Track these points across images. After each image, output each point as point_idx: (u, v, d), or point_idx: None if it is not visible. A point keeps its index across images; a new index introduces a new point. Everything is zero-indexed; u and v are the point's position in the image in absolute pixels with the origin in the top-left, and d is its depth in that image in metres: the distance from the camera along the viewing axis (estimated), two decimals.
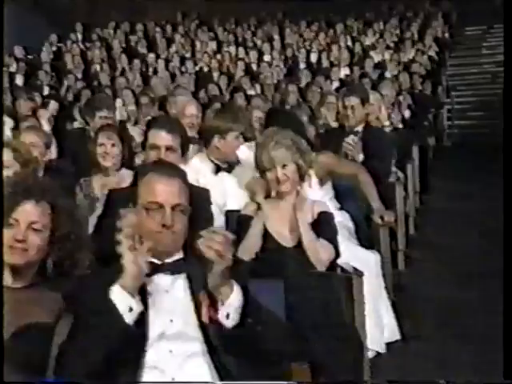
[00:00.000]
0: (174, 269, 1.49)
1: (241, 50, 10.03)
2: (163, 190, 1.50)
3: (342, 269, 2.24)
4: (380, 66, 8.85)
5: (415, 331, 2.85)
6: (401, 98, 6.04)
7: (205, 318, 1.41)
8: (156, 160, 2.03)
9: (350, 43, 10.25)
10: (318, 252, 2.13)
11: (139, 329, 1.37)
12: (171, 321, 1.42)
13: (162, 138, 2.31)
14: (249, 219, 2.18)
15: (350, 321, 2.00)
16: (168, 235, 1.48)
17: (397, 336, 2.73)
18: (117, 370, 1.32)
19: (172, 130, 2.38)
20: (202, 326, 1.41)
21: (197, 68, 9.46)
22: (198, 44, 10.68)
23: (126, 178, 2.69)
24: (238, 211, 2.39)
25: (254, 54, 9.71)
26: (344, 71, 8.88)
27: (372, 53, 9.69)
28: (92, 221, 2.37)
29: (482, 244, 4.04)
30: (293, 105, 5.63)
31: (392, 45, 9.94)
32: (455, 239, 4.23)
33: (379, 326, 2.59)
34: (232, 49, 10.25)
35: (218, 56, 9.85)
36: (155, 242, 1.43)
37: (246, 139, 3.82)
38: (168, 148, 2.31)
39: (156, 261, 1.47)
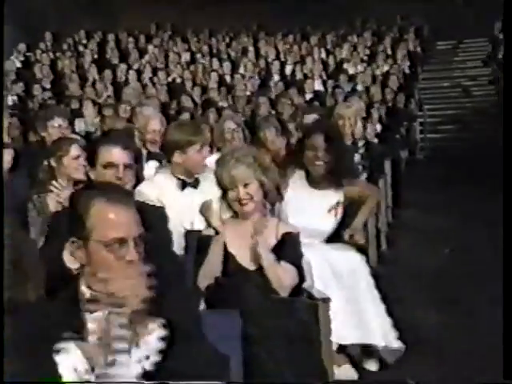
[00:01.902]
0: None
1: (214, 61, 9.93)
2: (124, 223, 1.34)
3: (309, 294, 2.10)
4: (354, 79, 8.85)
5: None
6: (373, 111, 6.00)
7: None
8: (102, 182, 1.88)
9: (324, 56, 10.25)
10: (280, 277, 1.99)
11: None
12: None
13: (119, 155, 2.15)
14: (209, 240, 2.03)
15: (317, 356, 1.87)
16: (134, 269, 1.33)
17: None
18: None
19: (127, 146, 2.23)
20: None
21: (169, 79, 9.32)
22: (171, 55, 10.56)
23: None
24: (199, 231, 2.24)
25: (227, 66, 9.62)
26: (318, 83, 8.85)
27: (346, 65, 9.70)
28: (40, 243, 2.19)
29: (456, 261, 3.97)
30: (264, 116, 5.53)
31: (365, 58, 9.98)
32: (428, 255, 4.16)
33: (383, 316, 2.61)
34: (206, 60, 10.15)
35: (192, 67, 9.74)
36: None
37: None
38: (126, 166, 2.16)
39: None
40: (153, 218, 2.10)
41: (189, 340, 1.36)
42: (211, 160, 3.06)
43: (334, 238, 2.74)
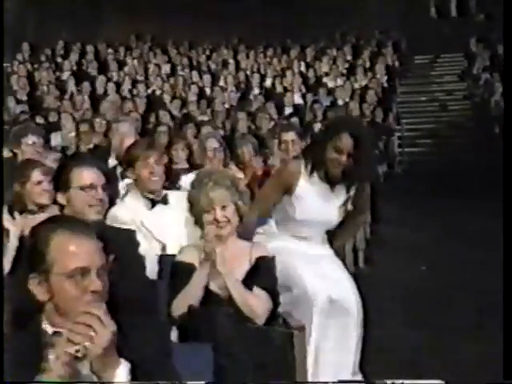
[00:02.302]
0: None
1: (194, 73, 9.90)
2: (86, 253, 1.32)
3: (284, 320, 2.07)
4: (333, 93, 8.90)
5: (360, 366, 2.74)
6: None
7: None
8: (60, 216, 1.85)
9: (303, 69, 10.31)
10: (251, 306, 1.95)
11: None
12: None
13: (97, 176, 2.11)
14: (189, 268, 1.99)
15: None
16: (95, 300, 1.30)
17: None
18: None
19: (100, 167, 2.19)
20: None
21: (149, 91, 9.26)
22: (151, 67, 10.50)
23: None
24: (173, 255, 2.19)
25: (207, 78, 9.60)
26: (297, 97, 8.88)
27: (325, 79, 9.76)
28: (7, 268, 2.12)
29: (432, 277, 3.98)
30: (243, 132, 5.52)
31: (345, 71, 10.05)
32: (406, 271, 4.17)
33: None
34: (186, 72, 10.12)
35: (171, 80, 9.70)
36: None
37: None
38: (103, 187, 2.12)
39: None
40: (123, 243, 2.06)
41: (159, 375, 1.33)
42: (187, 180, 3.03)
43: None
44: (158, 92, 9.27)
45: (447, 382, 2.01)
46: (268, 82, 9.75)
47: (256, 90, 9.22)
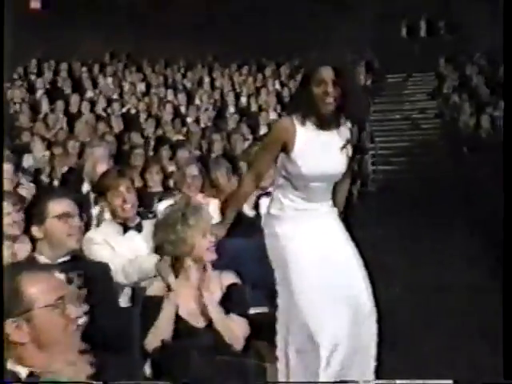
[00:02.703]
0: None
1: (170, 92, 9.93)
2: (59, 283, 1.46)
3: (258, 350, 2.09)
4: None
5: None
6: None
7: None
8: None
9: (278, 87, 10.43)
10: (231, 330, 1.99)
11: None
12: None
13: (73, 205, 2.14)
14: (158, 301, 2.01)
15: None
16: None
17: None
18: None
19: (73, 197, 2.22)
20: None
21: (124, 110, 9.24)
22: (126, 85, 10.50)
23: (24, 247, 2.44)
24: (144, 288, 2.21)
25: (182, 97, 9.64)
26: (272, 116, 8.96)
27: None
28: None
29: (406, 300, 4.04)
30: (217, 153, 5.56)
31: None
32: (378, 292, 4.22)
33: None
34: (161, 91, 10.14)
35: (146, 98, 9.70)
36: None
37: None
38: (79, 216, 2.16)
39: None
40: (97, 275, 2.08)
41: None
42: (162, 206, 3.05)
43: None
44: (133, 111, 9.26)
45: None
46: (243, 101, 9.83)
47: (231, 109, 9.29)
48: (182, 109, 9.29)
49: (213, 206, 3.34)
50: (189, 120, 8.56)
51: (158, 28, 12.87)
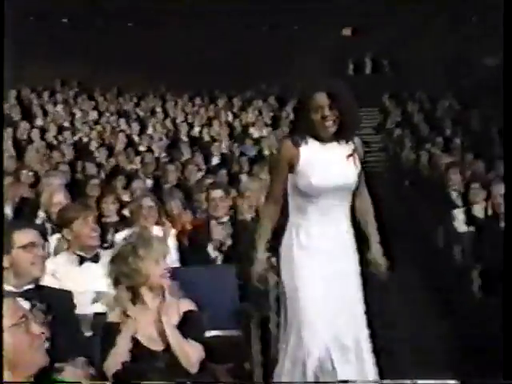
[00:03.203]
0: None
1: (122, 121, 10.02)
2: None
3: (213, 371, 2.26)
4: (259, 143, 9.30)
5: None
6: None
7: None
8: None
9: (230, 119, 10.71)
10: (187, 353, 2.14)
11: None
12: None
13: (37, 235, 2.27)
14: (117, 327, 2.14)
15: None
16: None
17: None
18: None
19: (37, 227, 2.35)
20: None
21: (75, 138, 9.25)
22: (77, 113, 10.51)
23: None
24: (104, 314, 2.34)
25: (135, 126, 9.75)
26: (224, 146, 9.18)
27: (251, 129, 10.20)
28: None
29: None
30: (172, 184, 5.72)
31: (270, 122, 10.56)
32: None
33: None
34: (113, 119, 10.21)
35: (99, 127, 9.75)
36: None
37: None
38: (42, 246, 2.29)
39: None
40: (60, 304, 2.21)
41: None
42: (119, 237, 3.20)
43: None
44: (85, 139, 9.28)
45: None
46: (196, 131, 10.03)
47: (184, 139, 9.47)
48: (135, 138, 9.40)
49: (171, 237, 3.51)
50: (141, 149, 8.66)
51: (109, 56, 13.01)
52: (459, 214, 4.22)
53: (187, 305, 2.28)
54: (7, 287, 2.15)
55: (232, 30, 13.27)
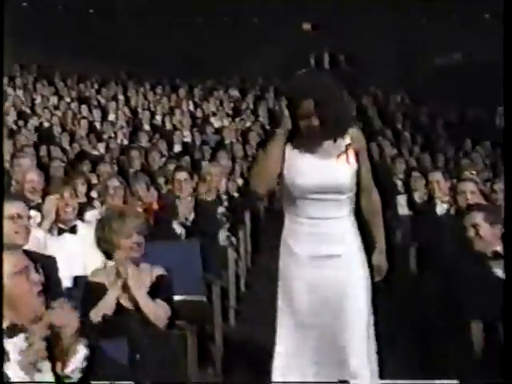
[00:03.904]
0: None
1: (84, 107, 10.10)
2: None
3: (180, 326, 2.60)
4: (220, 133, 9.60)
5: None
6: (236, 166, 6.75)
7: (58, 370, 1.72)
8: None
9: (192, 108, 10.95)
10: (155, 312, 2.48)
11: None
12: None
13: (25, 207, 2.56)
14: (100, 286, 2.46)
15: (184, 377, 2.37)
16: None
17: None
18: None
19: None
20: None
21: (37, 123, 9.30)
22: (37, 98, 10.52)
23: None
24: (85, 277, 2.65)
25: (97, 113, 9.86)
26: (186, 135, 9.45)
27: (212, 119, 10.48)
28: None
29: None
30: (137, 169, 5.99)
31: (230, 113, 10.87)
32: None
33: None
34: (74, 105, 10.28)
35: (59, 112, 9.80)
36: None
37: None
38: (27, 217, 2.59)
39: None
40: (44, 266, 2.50)
41: None
42: (91, 215, 3.49)
43: None
44: (46, 124, 9.35)
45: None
46: (158, 119, 10.23)
47: (146, 127, 9.66)
48: (97, 124, 9.53)
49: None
50: (105, 136, 8.83)
51: (69, 42, 12.97)
52: (402, 199, 4.68)
53: (159, 270, 2.62)
54: None
55: (193, 21, 13.48)
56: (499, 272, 2.62)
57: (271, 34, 12.96)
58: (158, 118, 10.26)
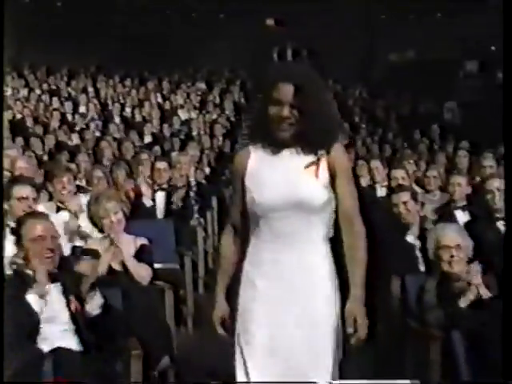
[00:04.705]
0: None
1: (55, 99, 10.44)
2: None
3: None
4: (188, 124, 10.13)
5: None
6: (204, 156, 7.35)
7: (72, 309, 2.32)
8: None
9: (160, 100, 11.43)
10: (139, 272, 3.09)
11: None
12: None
13: (30, 190, 3.14)
14: (95, 252, 3.05)
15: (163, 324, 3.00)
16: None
17: None
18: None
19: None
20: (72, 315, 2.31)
21: (9, 116, 9.62)
22: (7, 90, 10.79)
23: None
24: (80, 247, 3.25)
25: (69, 105, 10.25)
26: (155, 127, 9.94)
27: (180, 111, 11.00)
28: None
29: None
30: (110, 159, 6.51)
31: (198, 105, 11.40)
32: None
33: None
34: (45, 98, 10.61)
35: (31, 104, 10.13)
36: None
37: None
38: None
39: None
40: None
41: None
42: (85, 199, 4.08)
43: None
44: (18, 116, 9.69)
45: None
46: (128, 111, 10.68)
47: (117, 119, 10.11)
48: (69, 116, 9.93)
49: None
50: (77, 128, 9.25)
51: (36, 34, 13.21)
52: None
53: (142, 240, 3.24)
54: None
55: (161, 16, 13.90)
56: (410, 238, 3.37)
57: (236, 28, 13.53)
58: (128, 110, 10.71)
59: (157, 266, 3.48)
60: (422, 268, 3.19)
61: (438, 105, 10.42)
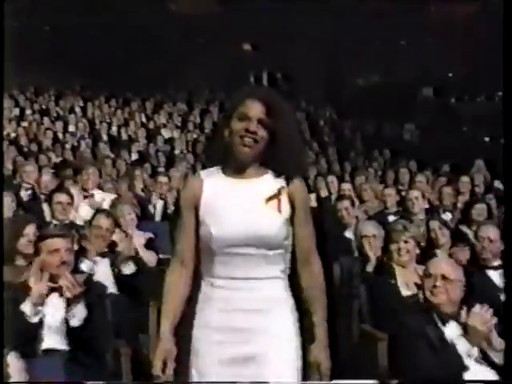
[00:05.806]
0: None
1: (46, 119, 11.53)
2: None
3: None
4: (172, 143, 11.23)
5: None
6: (189, 174, 8.57)
7: None
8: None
9: (144, 120, 12.59)
10: (148, 257, 4.33)
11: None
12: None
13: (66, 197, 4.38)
14: (113, 243, 4.27)
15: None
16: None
17: None
18: None
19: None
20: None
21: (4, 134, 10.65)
22: None
23: None
24: None
25: (59, 124, 11.35)
26: (141, 145, 11.05)
27: (163, 131, 12.16)
28: None
29: None
30: (108, 174, 7.70)
31: (180, 124, 12.58)
32: None
33: None
34: (37, 117, 11.69)
35: (23, 124, 11.19)
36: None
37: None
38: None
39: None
40: None
41: None
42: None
43: None
44: (12, 135, 10.75)
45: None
46: (114, 130, 11.81)
47: (105, 137, 11.24)
48: (60, 135, 11.02)
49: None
50: (67, 146, 10.35)
51: (24, 55, 14.26)
52: (312, 196, 6.65)
53: (149, 234, 4.49)
54: None
55: (143, 40, 15.10)
56: (349, 234, 4.67)
57: (215, 52, 14.84)
58: (114, 129, 11.84)
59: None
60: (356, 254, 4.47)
61: (399, 126, 11.87)
